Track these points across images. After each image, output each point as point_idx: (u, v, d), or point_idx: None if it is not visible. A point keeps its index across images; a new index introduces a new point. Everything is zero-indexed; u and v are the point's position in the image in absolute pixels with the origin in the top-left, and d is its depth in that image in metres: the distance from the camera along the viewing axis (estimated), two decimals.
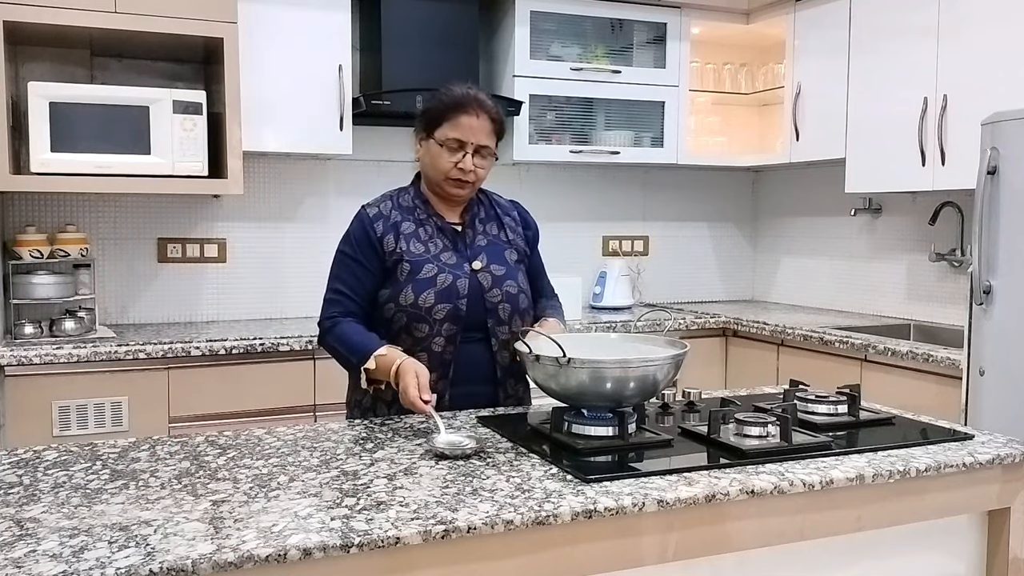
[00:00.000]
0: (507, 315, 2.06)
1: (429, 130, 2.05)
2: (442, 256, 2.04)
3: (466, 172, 2.01)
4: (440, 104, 2.04)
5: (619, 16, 3.90)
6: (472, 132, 2.00)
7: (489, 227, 2.14)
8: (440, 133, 2.02)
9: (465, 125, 2.00)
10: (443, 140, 2.01)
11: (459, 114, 2.00)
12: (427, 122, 2.05)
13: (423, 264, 2.02)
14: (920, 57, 3.23)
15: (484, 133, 2.02)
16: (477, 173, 2.03)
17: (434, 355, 2.00)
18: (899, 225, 3.82)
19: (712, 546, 1.45)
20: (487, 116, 2.02)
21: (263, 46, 3.27)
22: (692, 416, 1.89)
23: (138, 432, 2.88)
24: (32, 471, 1.50)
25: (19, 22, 2.84)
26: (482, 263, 2.06)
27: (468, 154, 2.00)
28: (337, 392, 3.14)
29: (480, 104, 2.02)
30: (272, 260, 3.68)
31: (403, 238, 2.04)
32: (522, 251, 2.17)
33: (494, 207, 2.19)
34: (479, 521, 1.27)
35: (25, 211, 3.30)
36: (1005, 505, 1.70)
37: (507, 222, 2.18)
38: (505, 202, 2.23)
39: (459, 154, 2.01)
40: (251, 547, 1.16)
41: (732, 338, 3.82)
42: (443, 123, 2.02)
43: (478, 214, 2.14)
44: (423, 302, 1.99)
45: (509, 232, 2.16)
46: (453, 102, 2.02)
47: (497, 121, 2.05)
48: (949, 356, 2.81)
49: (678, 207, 4.47)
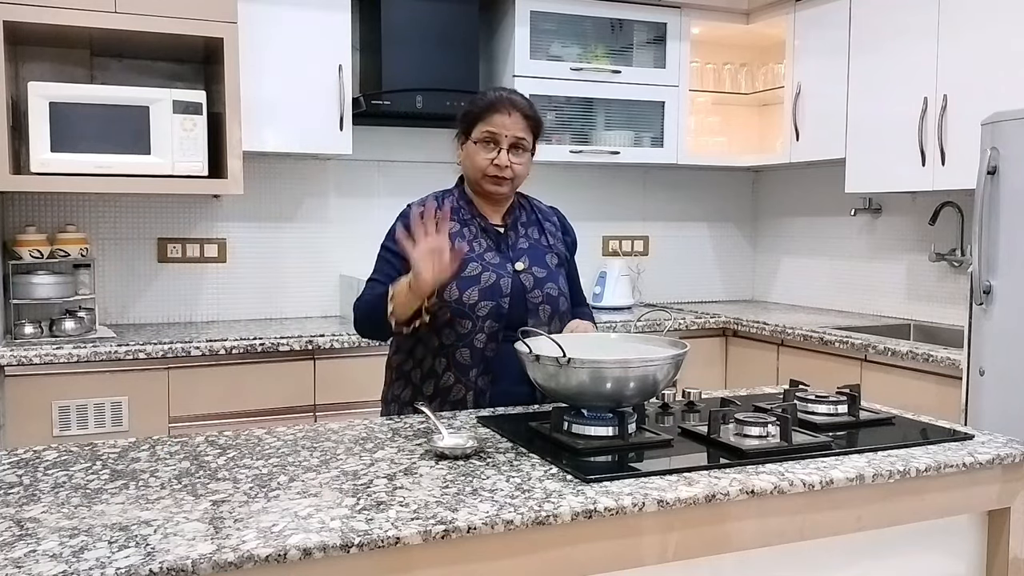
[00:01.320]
0: (547, 316, 2.10)
1: (467, 132, 2.11)
2: (486, 255, 2.09)
3: (502, 168, 2.07)
4: (474, 107, 2.11)
5: (619, 16, 3.90)
6: (505, 127, 2.06)
7: (531, 231, 2.20)
8: (475, 132, 2.08)
9: (498, 122, 2.06)
10: (478, 138, 2.07)
11: (492, 113, 2.07)
12: (464, 125, 2.12)
13: (468, 262, 2.05)
14: (920, 57, 3.23)
15: (518, 128, 2.08)
16: (514, 169, 2.08)
17: (476, 351, 2.05)
18: (899, 225, 3.82)
19: (712, 546, 1.45)
20: (519, 113, 2.08)
21: (263, 46, 3.27)
22: (692, 416, 1.89)
23: (138, 432, 2.88)
24: (32, 471, 1.50)
25: (19, 22, 2.84)
26: (524, 264, 2.12)
27: (503, 149, 2.06)
28: (337, 392, 3.17)
29: (512, 102, 2.09)
30: (272, 260, 3.68)
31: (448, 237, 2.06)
32: (563, 256, 2.23)
33: (535, 212, 2.24)
34: (479, 521, 1.27)
35: (25, 211, 3.30)
36: (1005, 505, 1.70)
37: (547, 227, 2.23)
38: (546, 208, 2.30)
39: (494, 150, 2.06)
40: (251, 547, 1.16)
41: (732, 338, 3.82)
42: (478, 123, 2.08)
43: (520, 217, 2.20)
44: (467, 298, 2.04)
45: (550, 237, 2.22)
46: (486, 103, 2.09)
47: (531, 117, 2.11)
48: (949, 356, 2.81)
49: (678, 207, 4.47)
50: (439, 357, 2.08)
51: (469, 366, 2.05)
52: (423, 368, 2.10)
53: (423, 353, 2.10)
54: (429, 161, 3.81)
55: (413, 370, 2.12)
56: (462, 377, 2.06)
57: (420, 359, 2.11)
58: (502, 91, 2.13)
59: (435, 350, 2.08)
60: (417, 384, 2.11)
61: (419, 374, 2.11)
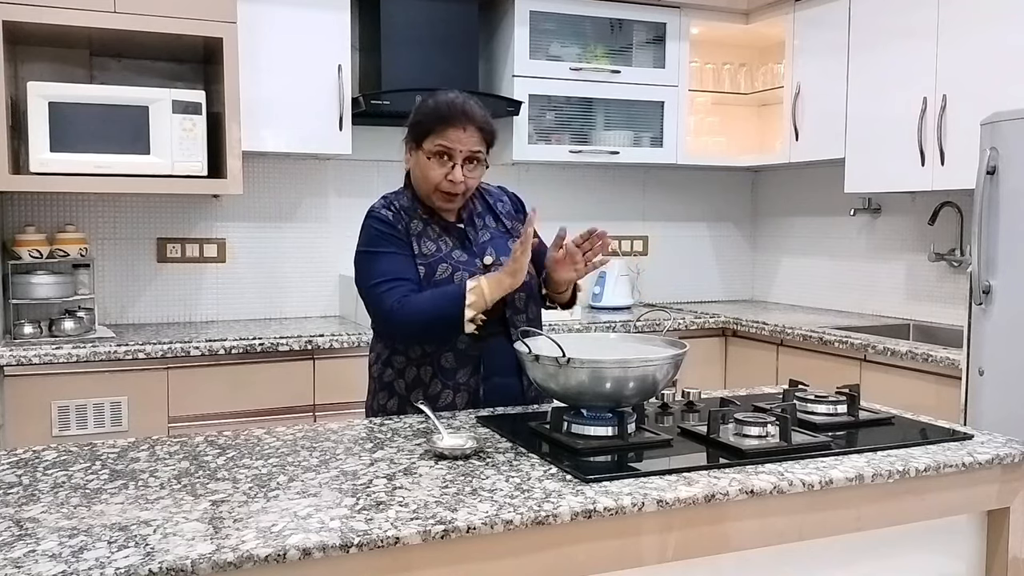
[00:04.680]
0: (523, 303, 2.08)
1: (417, 142, 2.03)
2: (453, 254, 2.05)
3: (456, 183, 1.99)
4: (427, 116, 2.01)
5: (619, 16, 3.90)
6: (460, 142, 1.98)
7: (487, 220, 2.15)
8: (428, 144, 2.00)
9: (453, 137, 1.98)
10: (431, 152, 2.00)
11: (446, 127, 1.98)
12: (415, 134, 2.04)
13: (437, 264, 2.02)
14: (919, 57, 3.23)
15: (473, 142, 2.00)
16: (467, 183, 2.02)
17: (459, 353, 2.02)
18: (898, 225, 3.82)
19: (712, 546, 1.45)
20: (474, 126, 2.00)
21: (262, 46, 3.27)
22: (691, 416, 1.89)
23: (137, 432, 2.87)
24: (31, 471, 1.50)
25: (19, 22, 2.84)
26: (492, 257, 2.08)
27: (457, 164, 1.99)
28: (337, 392, 3.16)
29: (468, 117, 1.99)
30: (272, 260, 3.68)
31: (415, 239, 2.04)
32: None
33: (485, 197, 2.18)
34: (479, 521, 1.27)
35: (24, 211, 3.30)
36: (1004, 505, 1.70)
37: (500, 209, 2.18)
38: (494, 189, 2.23)
39: (447, 164, 1.99)
40: (250, 547, 1.16)
41: (731, 338, 3.82)
42: (430, 135, 2.00)
43: (475, 209, 2.14)
44: None
45: (506, 220, 2.17)
46: (440, 115, 1.99)
47: (486, 131, 2.02)
48: (948, 356, 2.81)
49: (678, 207, 4.47)
50: (423, 366, 2.04)
51: (454, 369, 2.02)
52: (406, 378, 2.06)
53: (403, 364, 2.06)
54: None
55: (396, 381, 2.07)
56: (448, 381, 2.03)
57: (401, 369, 2.06)
58: (455, 100, 2.01)
59: (418, 359, 2.04)
60: (403, 394, 2.06)
61: (403, 384, 2.06)
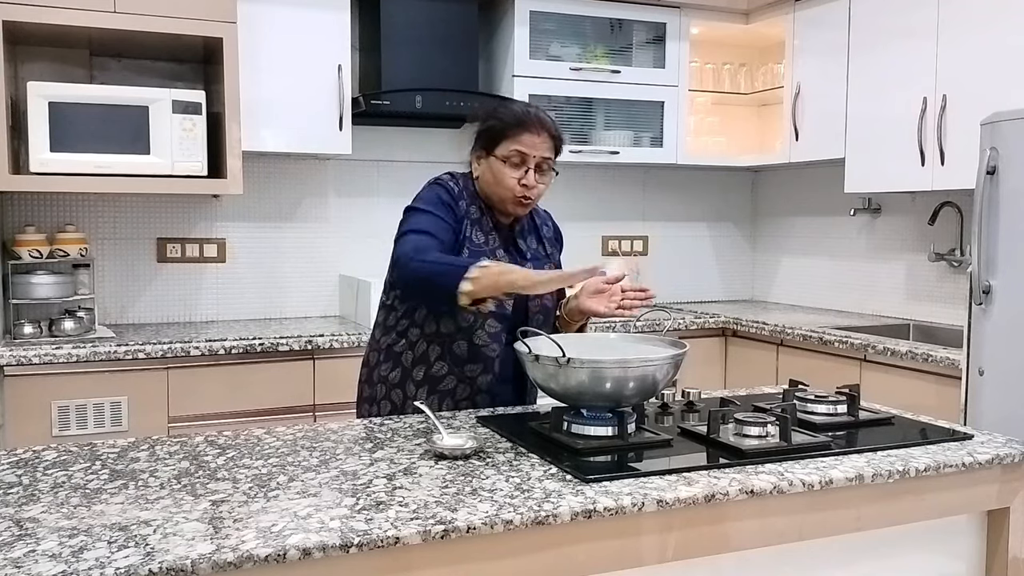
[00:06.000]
0: (538, 325, 2.10)
1: (489, 147, 2.05)
2: (498, 253, 2.08)
3: (530, 188, 2.03)
4: (501, 122, 2.05)
5: (618, 16, 3.90)
6: (535, 147, 2.03)
7: (530, 240, 2.19)
8: (501, 150, 2.03)
9: (528, 142, 2.02)
10: (505, 156, 2.02)
11: (521, 132, 2.02)
12: (487, 140, 2.06)
13: (481, 255, 2.03)
14: (919, 57, 3.23)
15: (546, 147, 2.05)
16: (538, 189, 2.06)
17: (473, 347, 2.04)
18: (898, 225, 3.82)
19: (711, 546, 1.45)
20: (547, 132, 2.05)
21: (262, 46, 3.27)
22: (691, 416, 1.89)
23: (137, 432, 2.88)
24: (31, 471, 1.50)
25: (19, 22, 2.84)
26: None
27: (531, 168, 2.03)
28: (337, 392, 3.16)
29: (541, 121, 2.05)
30: (272, 260, 3.68)
31: (469, 222, 2.06)
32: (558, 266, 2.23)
33: (533, 217, 2.23)
34: (479, 521, 1.27)
35: (24, 211, 3.30)
36: (1004, 505, 1.70)
37: (544, 232, 2.24)
38: (543, 211, 2.28)
39: (522, 169, 2.03)
40: (250, 547, 1.16)
41: (732, 338, 3.82)
42: (504, 140, 2.03)
43: (524, 224, 2.19)
44: None
45: (547, 245, 2.23)
46: (515, 120, 2.03)
47: (557, 137, 2.08)
48: (948, 356, 2.81)
49: (677, 207, 4.47)
50: (433, 344, 2.06)
51: (465, 359, 2.04)
52: (415, 351, 2.08)
53: (417, 336, 2.08)
54: (429, 161, 3.80)
55: (405, 352, 2.09)
56: (455, 368, 2.05)
57: (414, 342, 2.08)
58: (528, 108, 2.08)
59: (431, 336, 2.06)
60: (407, 367, 2.08)
61: (411, 356, 2.08)
